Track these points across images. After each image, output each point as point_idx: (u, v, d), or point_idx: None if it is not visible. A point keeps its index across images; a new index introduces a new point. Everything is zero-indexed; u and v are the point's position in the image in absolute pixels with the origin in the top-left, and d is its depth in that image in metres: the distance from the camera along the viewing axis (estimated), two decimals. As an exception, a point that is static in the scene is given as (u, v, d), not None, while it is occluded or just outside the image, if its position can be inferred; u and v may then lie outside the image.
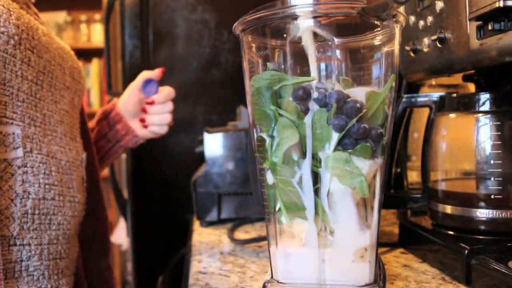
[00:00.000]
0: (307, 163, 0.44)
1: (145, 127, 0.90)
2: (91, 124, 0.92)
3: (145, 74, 0.88)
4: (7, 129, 0.58)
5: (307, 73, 0.45)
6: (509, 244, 0.56)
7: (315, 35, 0.45)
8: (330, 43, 0.44)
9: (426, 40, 0.64)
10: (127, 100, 0.90)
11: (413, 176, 0.88)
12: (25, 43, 0.61)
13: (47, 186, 0.64)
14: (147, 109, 0.89)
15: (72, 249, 0.71)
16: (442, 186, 0.67)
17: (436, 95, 0.68)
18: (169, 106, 0.89)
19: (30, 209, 0.61)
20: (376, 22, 0.45)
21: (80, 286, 0.74)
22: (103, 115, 0.92)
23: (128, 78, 1.30)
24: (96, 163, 0.84)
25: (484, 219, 0.59)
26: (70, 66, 0.74)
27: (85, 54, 2.81)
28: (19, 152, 0.60)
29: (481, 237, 0.59)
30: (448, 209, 0.63)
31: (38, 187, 0.62)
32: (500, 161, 0.59)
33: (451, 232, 0.62)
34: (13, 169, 0.59)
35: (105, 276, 0.85)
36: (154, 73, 0.87)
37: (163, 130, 0.91)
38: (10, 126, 0.59)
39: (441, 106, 0.67)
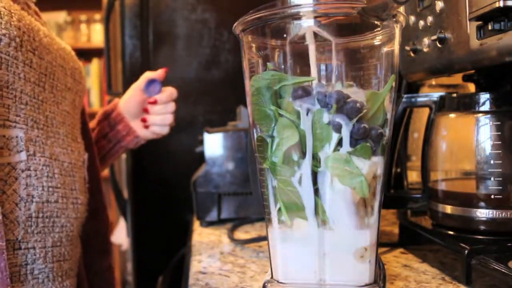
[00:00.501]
0: (307, 163, 0.44)
1: (147, 127, 0.90)
2: (92, 124, 0.92)
3: (147, 75, 0.88)
4: (11, 133, 0.58)
5: (307, 73, 0.45)
6: (509, 244, 0.56)
7: (315, 35, 0.45)
8: (330, 43, 0.44)
9: (426, 40, 0.64)
10: (129, 100, 0.90)
11: (413, 176, 0.88)
12: (27, 45, 0.60)
13: (50, 189, 0.63)
14: (149, 109, 0.89)
15: (75, 250, 0.71)
16: (442, 186, 0.67)
17: (436, 95, 0.68)
18: (171, 106, 0.89)
19: (34, 213, 0.60)
20: (376, 22, 0.45)
21: (82, 286, 0.74)
22: (104, 115, 0.92)
23: (128, 78, 1.30)
24: (97, 163, 0.84)
25: (484, 219, 0.59)
26: (71, 67, 0.74)
27: (85, 54, 2.81)
28: (23, 156, 0.59)
29: (481, 237, 0.59)
30: (448, 209, 0.63)
31: (41, 190, 0.62)
32: (500, 161, 0.59)
33: (451, 232, 0.62)
34: (17, 173, 0.59)
35: (106, 276, 0.85)
36: (157, 74, 0.87)
37: (165, 130, 0.90)
38: (13, 129, 0.58)
39: (441, 106, 0.67)
